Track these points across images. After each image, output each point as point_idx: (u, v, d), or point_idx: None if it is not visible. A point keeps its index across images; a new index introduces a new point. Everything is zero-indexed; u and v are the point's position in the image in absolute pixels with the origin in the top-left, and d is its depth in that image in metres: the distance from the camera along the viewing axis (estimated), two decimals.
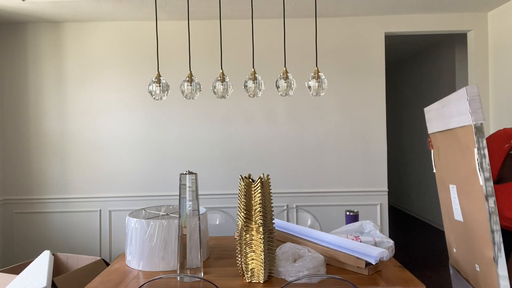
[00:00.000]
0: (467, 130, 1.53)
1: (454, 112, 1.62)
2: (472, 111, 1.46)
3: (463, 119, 1.53)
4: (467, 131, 1.52)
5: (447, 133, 1.75)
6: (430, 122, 2.00)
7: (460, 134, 1.61)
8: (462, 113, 1.53)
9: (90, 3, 2.90)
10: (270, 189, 1.63)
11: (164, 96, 1.99)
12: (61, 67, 3.33)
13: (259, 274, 1.57)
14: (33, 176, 3.33)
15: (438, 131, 1.87)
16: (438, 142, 1.92)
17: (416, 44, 4.99)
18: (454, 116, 1.63)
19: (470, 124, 1.48)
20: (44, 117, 3.33)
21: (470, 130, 1.50)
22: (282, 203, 3.33)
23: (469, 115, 1.47)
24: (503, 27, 3.12)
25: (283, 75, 1.94)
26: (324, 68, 3.32)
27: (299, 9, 3.11)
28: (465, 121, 1.52)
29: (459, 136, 1.61)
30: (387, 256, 1.62)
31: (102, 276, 1.70)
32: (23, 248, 3.33)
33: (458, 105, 1.57)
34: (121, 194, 3.34)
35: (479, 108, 1.48)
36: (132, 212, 1.99)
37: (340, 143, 3.34)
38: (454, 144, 1.69)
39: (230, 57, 3.30)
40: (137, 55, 3.33)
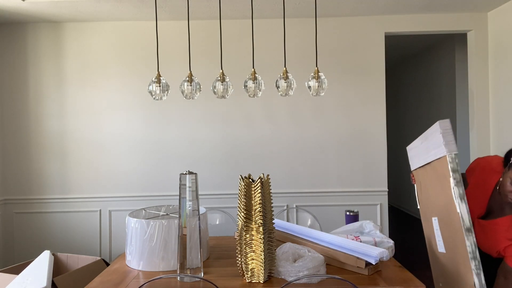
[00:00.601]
0: (443, 161, 1.63)
1: (431, 146, 1.73)
2: (445, 143, 1.57)
3: (439, 151, 1.64)
4: (443, 162, 1.63)
5: (427, 167, 1.85)
6: (412, 160, 2.09)
7: (437, 165, 1.71)
8: (438, 146, 1.64)
9: (90, 3, 2.90)
10: (270, 189, 1.63)
11: (164, 96, 1.98)
12: (61, 67, 3.33)
13: (259, 274, 1.57)
14: (33, 176, 3.33)
15: (419, 166, 1.98)
16: (420, 177, 2.01)
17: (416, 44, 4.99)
18: (431, 149, 1.74)
19: (445, 155, 1.59)
20: (44, 117, 3.33)
21: (445, 160, 1.60)
22: (282, 203, 3.33)
23: (443, 147, 1.58)
24: (503, 27, 3.12)
25: (283, 75, 1.94)
26: (324, 68, 3.32)
27: (299, 9, 3.11)
28: (440, 153, 1.63)
29: (437, 168, 1.72)
30: (387, 256, 1.62)
31: (102, 276, 1.70)
32: (23, 248, 3.33)
33: (433, 139, 1.69)
34: (121, 194, 3.34)
35: (452, 140, 1.59)
36: (132, 212, 1.99)
37: (340, 143, 3.34)
38: (433, 176, 1.79)
39: (230, 57, 3.30)
40: (137, 55, 3.33)
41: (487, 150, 3.27)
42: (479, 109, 3.30)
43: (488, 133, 3.29)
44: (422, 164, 1.91)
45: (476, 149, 3.30)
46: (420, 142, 1.89)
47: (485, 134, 3.29)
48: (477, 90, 3.30)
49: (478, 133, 3.29)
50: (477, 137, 3.29)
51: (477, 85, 3.30)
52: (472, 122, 3.37)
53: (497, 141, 3.20)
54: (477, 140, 3.29)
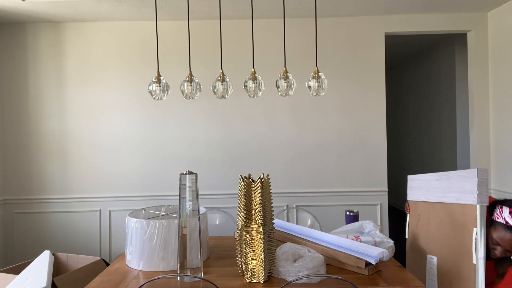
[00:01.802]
0: (467, 209, 1.61)
1: (454, 188, 1.70)
2: (479, 193, 1.55)
3: (465, 197, 1.62)
4: (467, 210, 1.61)
5: (437, 205, 1.84)
6: (413, 190, 2.08)
7: (456, 210, 1.69)
8: (465, 192, 1.62)
9: (90, 3, 2.90)
10: (270, 189, 1.63)
11: (164, 96, 1.98)
12: (61, 67, 3.33)
13: (259, 274, 1.57)
14: (33, 176, 3.33)
15: (423, 200, 1.96)
16: (420, 211, 2.00)
17: (416, 44, 4.99)
18: (454, 191, 1.72)
19: (473, 204, 1.57)
20: (44, 117, 3.33)
21: (471, 210, 1.58)
22: (282, 203, 3.33)
23: (475, 196, 1.56)
24: (503, 27, 3.12)
25: (283, 75, 1.94)
26: (324, 68, 3.32)
27: (299, 9, 3.11)
28: (467, 200, 1.61)
29: (455, 212, 1.70)
30: (387, 256, 1.62)
31: (102, 276, 1.70)
32: (23, 248, 3.33)
33: (461, 183, 1.66)
34: (121, 194, 3.34)
35: (486, 192, 1.58)
36: (132, 212, 1.99)
37: (340, 143, 3.34)
38: (445, 218, 1.77)
39: (230, 57, 3.30)
40: (137, 55, 3.33)
41: (487, 150, 3.27)
42: (479, 109, 3.30)
43: (488, 133, 3.29)
44: (430, 200, 1.90)
45: (476, 149, 3.30)
46: (435, 178, 1.87)
47: (485, 134, 3.29)
48: (477, 90, 3.30)
49: (478, 133, 3.29)
50: (477, 137, 3.29)
51: (477, 85, 3.30)
52: (472, 122, 3.37)
53: (497, 141, 3.20)
54: (477, 140, 3.29)
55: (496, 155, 3.22)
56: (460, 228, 1.66)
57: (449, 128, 4.67)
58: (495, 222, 1.67)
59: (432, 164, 5.18)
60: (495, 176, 3.23)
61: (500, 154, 3.16)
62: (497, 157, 3.20)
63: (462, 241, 1.64)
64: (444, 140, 4.83)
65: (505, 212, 1.64)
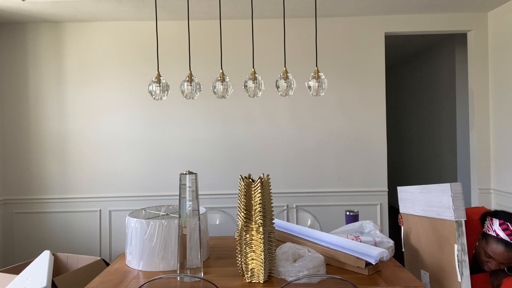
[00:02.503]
0: (447, 225, 1.59)
1: (434, 202, 1.68)
2: (455, 208, 1.53)
3: (444, 212, 1.59)
4: (448, 226, 1.58)
5: (424, 219, 1.81)
6: (403, 202, 2.05)
7: (438, 225, 1.67)
8: (443, 207, 1.59)
9: (90, 3, 2.90)
10: (270, 189, 1.63)
11: (164, 96, 1.98)
12: (61, 67, 3.33)
13: (259, 274, 1.57)
14: (33, 176, 3.33)
15: (412, 214, 1.94)
16: (411, 224, 1.98)
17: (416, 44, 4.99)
18: (434, 206, 1.69)
19: (452, 220, 1.54)
20: (44, 117, 3.33)
21: (451, 225, 1.56)
22: (282, 203, 3.33)
23: (452, 211, 1.53)
24: (503, 27, 3.12)
25: (283, 75, 1.94)
26: (324, 68, 3.32)
27: (299, 9, 3.11)
28: (446, 215, 1.58)
29: (438, 227, 1.68)
30: (387, 256, 1.62)
31: (102, 276, 1.70)
32: (23, 248, 3.33)
33: (439, 197, 1.63)
34: (121, 194, 3.34)
35: (462, 206, 1.56)
36: (132, 212, 1.99)
37: (340, 143, 3.34)
38: (431, 233, 1.75)
39: (230, 57, 3.30)
40: (137, 55, 3.33)
41: (487, 150, 3.27)
42: (479, 109, 3.30)
43: (488, 133, 3.29)
44: (417, 214, 1.87)
45: (476, 149, 3.30)
46: (419, 191, 1.84)
47: (485, 134, 3.29)
48: (477, 90, 3.30)
49: (478, 133, 3.29)
50: (477, 137, 3.29)
51: (477, 85, 3.30)
52: (472, 122, 3.37)
53: (497, 141, 3.20)
54: (477, 140, 3.29)
55: (496, 155, 3.22)
56: (444, 244, 1.63)
57: (449, 128, 4.67)
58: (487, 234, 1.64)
59: (432, 164, 5.18)
60: (495, 176, 3.23)
61: (500, 154, 3.16)
62: (497, 157, 3.20)
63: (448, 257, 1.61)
64: (444, 140, 4.83)
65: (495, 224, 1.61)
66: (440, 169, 4.94)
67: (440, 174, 4.94)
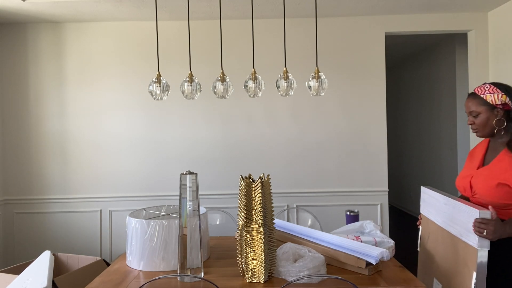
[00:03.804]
0: (469, 250, 1.51)
1: (458, 220, 1.59)
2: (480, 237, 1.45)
3: (467, 236, 1.52)
4: (469, 251, 1.51)
5: (445, 232, 1.73)
6: (425, 204, 1.97)
7: (460, 246, 1.59)
8: (468, 230, 1.51)
9: (90, 3, 2.90)
10: (270, 189, 1.63)
11: (165, 96, 1.99)
12: (61, 67, 3.34)
13: (259, 274, 1.57)
14: (34, 176, 3.33)
15: (433, 221, 1.87)
16: (430, 230, 1.90)
17: (416, 44, 4.99)
18: (458, 224, 1.61)
19: (474, 247, 1.47)
20: (45, 117, 3.33)
21: (473, 252, 1.48)
22: (283, 203, 3.33)
23: (476, 239, 1.46)
24: (504, 27, 3.11)
25: (283, 75, 1.94)
26: (325, 68, 3.32)
27: (299, 9, 3.11)
28: (469, 240, 1.51)
29: (459, 248, 1.60)
30: (388, 256, 1.62)
31: (103, 276, 1.70)
32: (23, 248, 3.33)
33: (465, 218, 1.55)
34: (122, 194, 3.34)
35: None
36: (132, 212, 1.99)
37: (340, 143, 3.34)
38: (451, 250, 1.68)
39: (230, 57, 3.30)
40: (137, 55, 3.33)
41: None
42: None
43: None
44: (439, 223, 1.79)
45: None
46: (444, 202, 1.74)
47: None
48: None
49: None
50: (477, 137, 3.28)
51: (477, 85, 3.30)
52: None
53: None
54: (477, 139, 3.29)
55: None
56: (462, 266, 1.56)
57: (449, 127, 4.67)
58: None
59: (432, 164, 5.18)
60: None
61: None
62: None
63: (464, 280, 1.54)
64: (444, 140, 4.83)
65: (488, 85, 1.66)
66: (440, 169, 4.94)
67: (440, 174, 4.94)
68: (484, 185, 1.62)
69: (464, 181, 1.75)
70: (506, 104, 1.62)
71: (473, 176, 1.71)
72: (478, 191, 1.65)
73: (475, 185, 1.67)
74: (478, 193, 1.65)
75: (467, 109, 1.72)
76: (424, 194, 1.98)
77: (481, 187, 1.64)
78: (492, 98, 1.62)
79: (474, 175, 1.70)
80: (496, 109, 1.63)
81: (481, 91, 1.66)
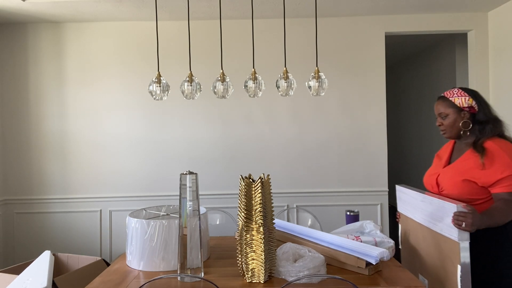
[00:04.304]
0: (451, 244, 1.56)
1: (437, 216, 1.64)
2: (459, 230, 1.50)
3: (448, 230, 1.56)
4: (451, 245, 1.55)
5: (425, 228, 1.77)
6: (402, 202, 2.02)
7: (441, 242, 1.63)
8: (447, 224, 1.56)
9: (90, 3, 2.90)
10: (270, 189, 1.63)
11: (165, 96, 1.99)
12: (62, 67, 3.34)
13: (259, 274, 1.57)
14: (34, 176, 3.33)
15: (412, 218, 1.91)
16: (410, 227, 1.94)
17: (416, 44, 4.99)
18: (437, 220, 1.65)
19: (455, 241, 1.52)
20: (45, 117, 3.33)
21: (455, 245, 1.53)
22: (283, 203, 3.33)
23: (456, 232, 1.51)
24: (504, 27, 3.11)
25: (283, 75, 1.94)
26: (325, 68, 3.32)
27: (299, 9, 3.11)
28: (449, 234, 1.56)
29: (441, 243, 1.64)
30: (388, 256, 1.62)
31: (103, 276, 1.70)
32: (23, 248, 3.33)
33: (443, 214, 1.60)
34: (122, 194, 3.34)
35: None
36: (132, 212, 1.99)
37: (340, 143, 3.34)
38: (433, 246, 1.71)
39: (230, 57, 3.30)
40: (137, 55, 3.33)
41: None
42: None
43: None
44: (418, 221, 1.84)
45: None
46: (420, 199, 1.79)
47: None
48: (478, 90, 3.29)
49: None
50: None
51: (477, 85, 3.30)
52: None
53: None
54: None
55: None
56: (446, 260, 1.60)
57: None
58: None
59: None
60: None
61: None
62: None
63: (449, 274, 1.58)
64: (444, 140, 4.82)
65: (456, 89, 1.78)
66: None
67: None
68: (450, 182, 1.72)
69: (431, 178, 1.86)
70: (472, 107, 1.73)
71: (440, 174, 1.81)
72: (445, 187, 1.75)
73: (442, 182, 1.78)
74: (446, 189, 1.75)
75: (436, 110, 1.82)
76: (399, 192, 2.04)
77: (447, 183, 1.74)
78: (460, 101, 1.74)
79: (441, 173, 1.81)
80: (463, 112, 1.74)
81: (450, 94, 1.77)
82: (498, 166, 1.61)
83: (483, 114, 1.73)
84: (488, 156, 1.63)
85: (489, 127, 1.71)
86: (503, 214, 1.59)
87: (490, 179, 1.62)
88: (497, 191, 1.62)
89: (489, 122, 1.72)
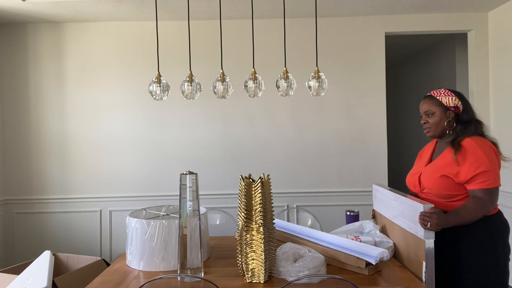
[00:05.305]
0: (417, 241, 1.62)
1: (407, 215, 1.71)
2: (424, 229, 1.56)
3: (415, 228, 1.63)
4: (418, 242, 1.62)
5: (396, 226, 1.85)
6: (377, 200, 2.13)
7: (409, 239, 1.70)
8: (415, 223, 1.62)
9: (90, 3, 2.90)
10: (270, 189, 1.63)
11: (165, 96, 1.99)
12: (62, 67, 3.34)
13: (259, 274, 1.57)
14: (34, 176, 3.33)
15: (385, 216, 1.99)
16: (384, 222, 2.02)
17: (416, 44, 4.99)
18: (406, 218, 1.72)
19: (422, 238, 1.57)
20: (45, 117, 3.33)
21: (420, 243, 1.59)
22: (283, 203, 3.33)
23: (422, 231, 1.56)
24: (503, 27, 3.11)
25: (283, 75, 1.94)
26: (325, 68, 3.31)
27: (299, 9, 3.11)
28: (416, 232, 1.62)
29: (409, 241, 1.71)
30: (387, 256, 1.62)
31: (103, 276, 1.70)
32: (23, 248, 3.33)
33: (411, 212, 1.66)
34: (122, 194, 3.34)
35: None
36: (132, 212, 1.99)
37: (340, 142, 3.34)
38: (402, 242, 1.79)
39: (230, 57, 3.30)
40: (137, 55, 3.33)
41: None
42: (479, 109, 3.29)
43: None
44: (390, 218, 1.92)
45: None
46: (393, 198, 1.87)
47: None
48: (477, 90, 3.30)
49: None
50: None
51: (477, 85, 3.30)
52: None
53: None
54: None
55: None
56: (413, 256, 1.67)
57: None
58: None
59: None
60: None
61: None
62: None
63: (416, 269, 1.64)
64: None
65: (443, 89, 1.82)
66: None
67: None
68: (430, 179, 1.77)
69: (413, 177, 1.90)
70: (457, 108, 1.79)
71: (422, 172, 1.85)
72: (426, 185, 1.79)
73: (423, 180, 1.81)
74: (427, 187, 1.79)
75: (422, 109, 1.85)
76: (375, 191, 2.14)
77: (428, 181, 1.78)
78: (447, 100, 1.79)
79: (422, 171, 1.84)
80: (449, 111, 1.79)
81: (437, 94, 1.82)
82: (471, 162, 1.65)
83: (466, 114, 1.80)
84: (461, 153, 1.68)
85: (471, 127, 1.78)
86: (470, 213, 1.63)
87: (465, 175, 1.66)
88: (472, 187, 1.66)
89: (472, 123, 1.79)
